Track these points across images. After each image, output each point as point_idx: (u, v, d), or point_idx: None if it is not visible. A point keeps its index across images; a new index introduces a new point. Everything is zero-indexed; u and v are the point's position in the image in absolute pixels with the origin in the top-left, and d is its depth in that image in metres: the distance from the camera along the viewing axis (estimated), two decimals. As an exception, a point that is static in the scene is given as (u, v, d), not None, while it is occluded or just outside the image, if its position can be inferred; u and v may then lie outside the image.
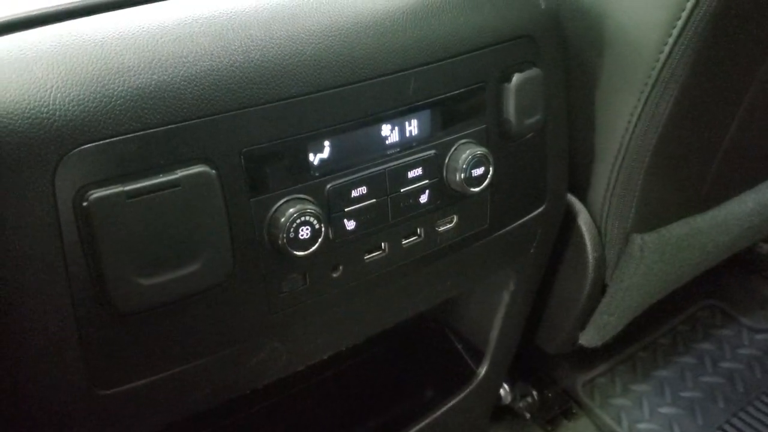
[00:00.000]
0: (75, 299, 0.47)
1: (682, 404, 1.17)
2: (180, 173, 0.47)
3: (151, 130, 0.46)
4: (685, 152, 0.77)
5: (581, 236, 0.81)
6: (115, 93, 0.45)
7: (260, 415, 0.90)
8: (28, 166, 0.43)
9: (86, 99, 0.44)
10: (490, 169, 0.62)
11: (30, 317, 0.46)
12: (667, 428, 1.13)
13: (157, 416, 0.57)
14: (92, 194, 0.44)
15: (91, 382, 0.50)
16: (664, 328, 1.32)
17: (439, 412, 0.85)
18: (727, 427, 1.13)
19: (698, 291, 1.38)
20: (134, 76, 0.45)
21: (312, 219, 0.52)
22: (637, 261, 0.83)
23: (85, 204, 0.44)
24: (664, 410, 1.16)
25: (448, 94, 0.59)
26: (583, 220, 0.80)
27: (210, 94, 0.47)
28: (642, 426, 1.13)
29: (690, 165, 0.80)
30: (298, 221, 0.52)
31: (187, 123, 0.47)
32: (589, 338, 0.95)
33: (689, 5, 0.61)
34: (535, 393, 1.13)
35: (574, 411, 1.17)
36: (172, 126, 0.46)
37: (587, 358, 1.22)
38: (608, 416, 1.15)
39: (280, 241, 0.52)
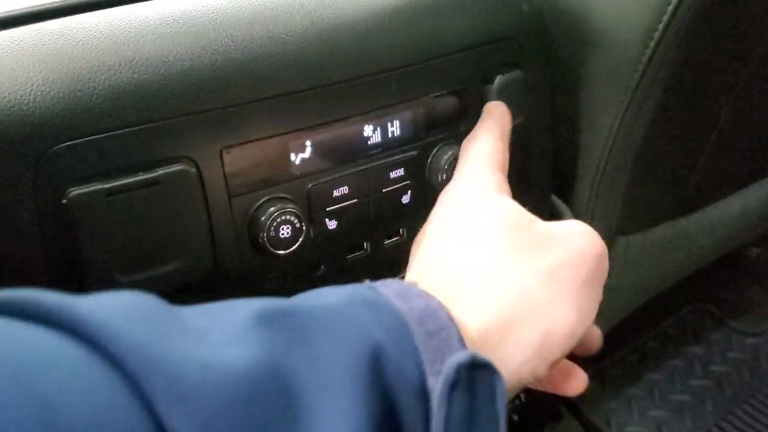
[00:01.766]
0: (55, 296, 0.47)
1: (671, 407, 1.17)
2: (160, 171, 0.47)
3: (132, 129, 0.46)
4: (670, 153, 0.78)
5: (566, 238, 0.81)
6: (96, 91, 0.45)
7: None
8: (7, 163, 0.43)
9: (67, 97, 0.44)
10: (473, 169, 0.62)
11: (10, 314, 0.46)
12: (656, 431, 1.13)
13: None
14: (72, 191, 0.45)
15: (72, 379, 0.50)
16: (653, 331, 1.33)
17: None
18: (715, 430, 1.13)
19: (688, 294, 1.39)
20: (115, 74, 0.46)
21: (292, 218, 0.53)
22: (621, 263, 0.83)
23: (64, 201, 0.45)
24: (653, 413, 1.16)
25: (429, 96, 0.59)
26: (568, 221, 0.81)
27: (190, 93, 0.48)
28: (631, 429, 1.13)
29: (674, 166, 0.81)
30: (279, 220, 0.52)
31: (167, 122, 0.47)
32: (575, 340, 0.95)
33: (670, 8, 0.62)
34: (522, 395, 1.13)
35: (562, 413, 1.17)
36: (153, 124, 0.47)
37: (575, 360, 1.22)
38: (597, 419, 1.15)
39: (260, 240, 0.52)
